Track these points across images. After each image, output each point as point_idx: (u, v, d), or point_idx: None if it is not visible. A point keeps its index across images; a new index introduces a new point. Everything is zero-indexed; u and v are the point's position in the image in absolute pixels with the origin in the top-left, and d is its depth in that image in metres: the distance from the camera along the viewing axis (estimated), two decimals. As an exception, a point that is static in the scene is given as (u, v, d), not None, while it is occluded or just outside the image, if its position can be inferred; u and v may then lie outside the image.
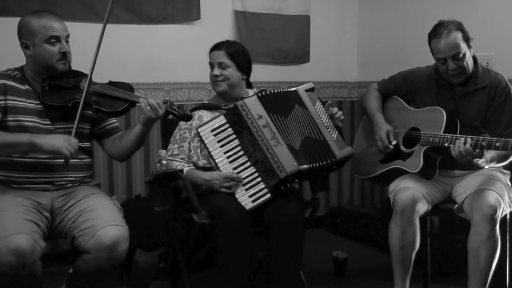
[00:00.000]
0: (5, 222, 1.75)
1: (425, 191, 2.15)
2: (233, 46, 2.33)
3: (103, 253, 1.81)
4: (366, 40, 3.59)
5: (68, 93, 1.97)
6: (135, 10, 2.95)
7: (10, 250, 1.67)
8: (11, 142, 1.85)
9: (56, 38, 1.94)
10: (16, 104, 1.94)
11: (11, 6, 2.65)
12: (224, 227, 2.03)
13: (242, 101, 2.19)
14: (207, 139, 2.20)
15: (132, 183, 3.05)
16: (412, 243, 2.12)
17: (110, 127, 2.16)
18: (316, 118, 2.18)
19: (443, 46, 2.10)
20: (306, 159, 2.13)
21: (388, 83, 2.43)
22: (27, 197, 1.91)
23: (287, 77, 3.37)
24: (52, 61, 1.95)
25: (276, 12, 3.31)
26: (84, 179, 2.08)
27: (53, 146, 1.82)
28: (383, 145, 2.27)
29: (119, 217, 1.93)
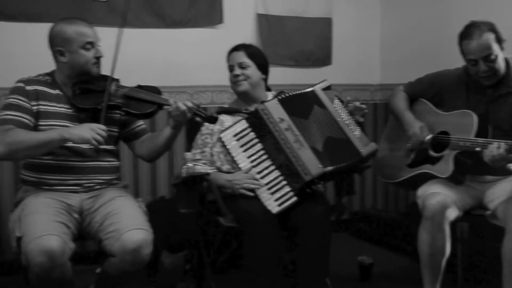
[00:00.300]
0: (36, 224, 1.77)
1: (456, 197, 2.11)
2: (251, 47, 2.35)
3: (128, 257, 1.82)
4: (389, 42, 3.55)
5: (99, 96, 1.99)
6: (160, 14, 2.98)
7: (41, 251, 1.68)
8: (44, 141, 1.87)
9: (91, 43, 2.00)
10: (47, 109, 1.98)
11: (41, 12, 2.70)
12: (251, 230, 2.02)
13: (263, 104, 2.18)
14: (229, 144, 2.19)
15: (156, 184, 3.07)
16: (442, 249, 2.08)
17: (138, 129, 2.18)
18: (336, 117, 2.15)
19: (474, 47, 2.05)
20: (330, 160, 2.11)
21: (415, 86, 2.39)
22: (57, 198, 1.93)
23: (308, 79, 3.25)
24: (87, 66, 2.00)
25: (298, 15, 3.31)
26: (112, 181, 2.10)
27: (82, 138, 1.85)
28: (418, 140, 2.20)
29: (144, 221, 1.93)
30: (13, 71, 2.28)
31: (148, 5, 2.94)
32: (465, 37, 2.09)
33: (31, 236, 1.72)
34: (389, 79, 3.52)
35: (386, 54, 3.57)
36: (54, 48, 2.00)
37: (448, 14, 3.05)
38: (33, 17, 2.67)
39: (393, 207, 3.57)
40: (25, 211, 1.87)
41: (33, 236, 1.72)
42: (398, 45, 3.47)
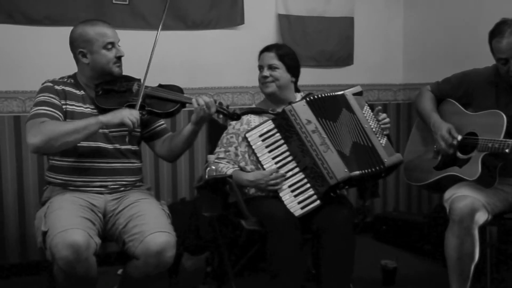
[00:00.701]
0: (61, 219, 1.79)
1: (485, 200, 2.05)
2: (283, 48, 2.33)
3: (151, 260, 1.83)
4: (412, 41, 3.51)
5: (121, 96, 2.03)
6: (181, 16, 2.99)
7: (66, 245, 1.70)
8: (81, 126, 1.89)
9: (112, 44, 2.02)
10: (74, 109, 2.01)
11: (66, 16, 2.73)
12: (274, 232, 2.01)
13: (291, 106, 2.16)
14: (255, 144, 2.19)
15: (177, 187, 3.07)
16: (471, 254, 2.03)
17: (159, 129, 2.19)
18: (364, 123, 2.13)
19: (505, 45, 2.00)
20: (356, 165, 2.08)
21: (442, 86, 2.34)
22: (83, 198, 1.95)
23: (330, 80, 3.34)
24: (109, 66, 2.03)
25: (320, 15, 3.29)
26: (136, 183, 2.11)
27: (119, 118, 1.90)
28: (447, 144, 2.15)
29: (167, 224, 1.94)
30: (38, 75, 2.31)
31: (169, 7, 2.82)
32: (496, 35, 2.03)
33: (56, 230, 1.74)
34: (412, 78, 3.49)
35: (409, 53, 3.53)
36: (76, 49, 2.02)
37: (475, 11, 2.98)
38: (58, 21, 2.70)
39: (416, 209, 3.52)
40: (50, 208, 1.89)
41: (58, 230, 1.74)
42: (421, 43, 3.43)
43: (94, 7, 2.79)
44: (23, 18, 2.68)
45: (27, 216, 2.76)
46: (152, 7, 2.90)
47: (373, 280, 2.65)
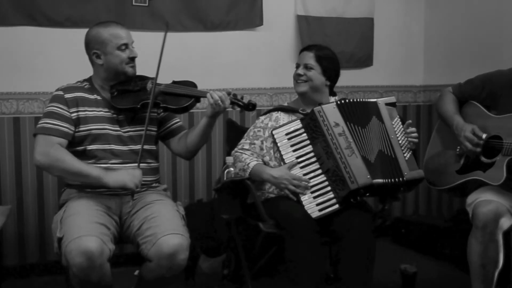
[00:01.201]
0: (76, 225, 1.80)
1: (510, 205, 2.01)
2: (323, 50, 2.31)
3: (164, 262, 1.83)
4: (433, 42, 3.47)
5: (136, 95, 2.05)
6: (200, 18, 3.00)
7: (80, 252, 1.71)
8: (82, 172, 1.93)
9: (125, 45, 2.05)
10: (87, 114, 2.03)
11: (86, 18, 2.74)
12: (292, 234, 2.01)
13: (320, 107, 2.15)
14: (280, 142, 2.18)
15: (194, 188, 3.08)
16: (495, 260, 1.99)
17: (175, 126, 2.20)
18: (391, 134, 2.12)
19: None
20: (380, 173, 2.07)
21: (465, 87, 2.31)
22: (98, 200, 1.96)
23: (349, 81, 3.30)
24: (122, 66, 2.05)
25: (339, 16, 3.27)
26: (152, 184, 2.11)
27: (120, 183, 1.92)
28: (473, 144, 2.12)
29: (180, 225, 1.94)
30: (59, 76, 2.36)
31: (188, 9, 2.95)
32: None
33: (70, 237, 1.75)
34: (432, 80, 3.47)
35: (430, 55, 3.50)
36: (91, 51, 2.06)
37: (499, 12, 2.93)
38: (79, 23, 2.72)
39: (436, 213, 3.49)
40: (66, 213, 1.90)
41: (72, 236, 1.74)
42: (442, 45, 3.40)
43: (114, 9, 2.81)
44: (45, 20, 2.72)
45: (46, 217, 2.78)
46: (171, 9, 2.92)
47: (392, 285, 2.62)
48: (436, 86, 3.33)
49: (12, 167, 2.73)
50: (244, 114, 3.08)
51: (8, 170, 2.73)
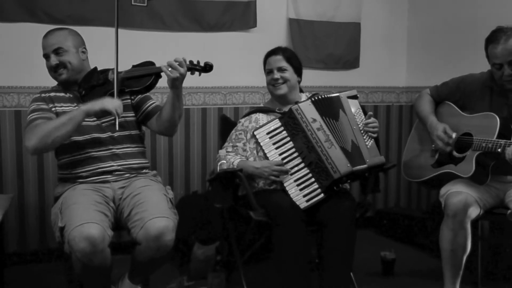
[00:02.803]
0: (77, 213, 1.86)
1: (477, 196, 2.13)
2: (288, 50, 2.40)
3: (152, 243, 1.87)
4: (415, 46, 3.57)
5: (102, 88, 2.08)
6: (197, 18, 3.03)
7: (83, 238, 1.77)
8: (67, 118, 1.96)
9: (45, 55, 2.11)
10: (63, 109, 2.10)
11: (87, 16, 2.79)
12: (280, 223, 2.07)
13: (297, 105, 2.23)
14: (263, 142, 2.26)
15: (190, 180, 3.13)
16: (463, 246, 2.10)
17: (150, 108, 2.21)
18: (353, 124, 2.21)
19: (500, 51, 2.08)
20: (358, 160, 2.16)
21: (441, 89, 2.42)
22: (93, 189, 2.02)
23: (337, 82, 3.39)
24: (51, 74, 2.12)
25: (329, 20, 3.33)
26: (141, 169, 2.17)
27: (99, 105, 1.95)
28: (444, 143, 2.23)
29: (167, 209, 1.97)
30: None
31: (185, 10, 2.98)
32: (492, 41, 2.11)
33: (73, 224, 1.81)
34: (414, 82, 3.54)
35: (412, 58, 3.59)
36: None
37: (474, 20, 3.05)
38: (80, 21, 2.74)
39: (415, 205, 3.57)
40: (65, 203, 1.95)
41: (75, 224, 1.80)
42: (423, 49, 3.49)
43: (114, 8, 2.66)
44: (46, 17, 2.73)
45: (46, 206, 2.81)
46: (168, 9, 2.95)
47: (373, 271, 2.72)
48: (417, 87, 3.40)
49: (14, 158, 2.78)
50: (238, 111, 3.14)
51: (10, 160, 2.77)
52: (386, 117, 3.59)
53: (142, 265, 2.00)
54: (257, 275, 2.61)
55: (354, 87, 3.37)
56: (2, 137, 2.78)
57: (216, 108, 3.16)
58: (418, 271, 2.76)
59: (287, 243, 2.06)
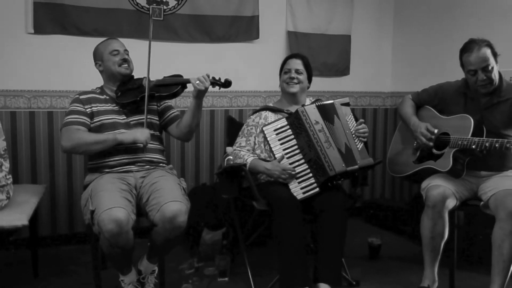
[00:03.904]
0: (106, 199, 1.89)
1: (454, 189, 2.12)
2: (306, 58, 2.42)
3: (167, 224, 1.89)
4: (399, 56, 3.57)
5: (135, 91, 2.15)
6: (207, 31, 3.04)
7: (111, 220, 1.80)
8: (101, 139, 2.03)
9: (116, 50, 2.16)
10: (98, 109, 2.14)
11: (112, 29, 2.78)
12: (279, 212, 2.08)
13: (303, 108, 2.23)
14: (270, 137, 2.25)
15: (199, 174, 3.13)
16: (442, 233, 2.10)
17: (172, 116, 2.27)
18: (346, 129, 2.21)
19: (474, 59, 2.07)
20: (351, 161, 2.16)
21: (421, 95, 2.41)
22: (118, 177, 2.04)
23: (330, 87, 3.40)
24: (115, 67, 2.15)
25: (323, 32, 3.33)
26: (160, 163, 2.19)
27: (132, 137, 2.03)
28: (427, 138, 2.21)
29: (180, 195, 1.98)
30: (86, 77, 2.42)
31: (196, 23, 3.00)
32: (466, 51, 2.11)
33: (102, 208, 1.83)
34: (398, 87, 3.54)
35: (397, 66, 3.59)
36: (95, 64, 2.20)
37: (450, 33, 3.06)
38: (104, 33, 2.73)
39: (398, 197, 3.58)
40: (94, 190, 1.97)
41: (104, 208, 1.83)
42: (407, 58, 3.49)
43: (135, 22, 2.85)
44: (75, 30, 2.77)
45: (74, 194, 2.85)
46: (182, 23, 2.95)
47: (362, 256, 2.73)
48: (401, 92, 3.40)
49: (46, 153, 2.79)
50: (243, 112, 3.14)
51: (43, 155, 2.79)
52: (373, 119, 3.59)
53: (158, 245, 2.02)
54: (259, 257, 2.63)
55: (345, 92, 3.44)
56: (37, 134, 2.80)
57: (223, 110, 3.16)
58: (401, 256, 2.77)
59: (285, 229, 2.05)
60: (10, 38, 2.68)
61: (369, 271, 2.52)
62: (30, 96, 2.76)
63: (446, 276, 2.25)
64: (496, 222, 1.97)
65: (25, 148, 2.76)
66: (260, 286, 2.24)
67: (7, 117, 2.71)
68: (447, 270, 2.26)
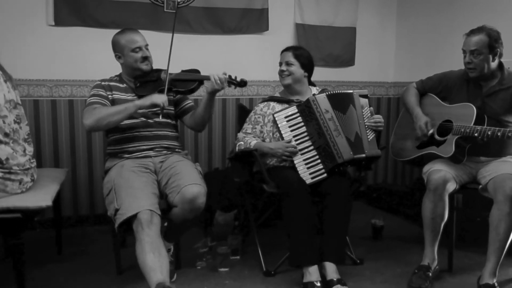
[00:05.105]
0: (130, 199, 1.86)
1: (454, 173, 2.12)
2: (299, 49, 2.37)
3: (186, 206, 1.90)
4: (402, 47, 3.54)
5: (154, 84, 2.12)
6: (219, 23, 3.04)
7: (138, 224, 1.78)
8: (122, 108, 2.00)
9: (139, 48, 2.11)
10: (118, 97, 2.13)
11: (128, 21, 2.77)
12: (289, 194, 2.09)
13: (314, 97, 2.21)
14: (280, 124, 2.23)
15: (212, 159, 3.15)
16: (442, 215, 2.10)
17: (187, 106, 2.26)
18: (359, 119, 2.19)
19: (467, 40, 2.09)
20: (359, 150, 2.16)
21: (425, 83, 2.39)
22: (140, 164, 2.02)
23: (336, 77, 3.39)
24: (137, 64, 2.11)
25: (329, 25, 3.31)
26: (176, 149, 2.19)
27: (150, 100, 1.99)
28: (422, 133, 2.23)
29: (199, 178, 2.01)
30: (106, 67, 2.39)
31: (209, 16, 2.99)
32: (468, 33, 2.11)
33: (126, 212, 1.81)
34: (401, 77, 3.52)
35: (400, 57, 3.56)
36: (114, 54, 2.16)
37: (451, 25, 3.03)
38: (121, 25, 2.69)
39: (400, 181, 3.58)
40: (117, 184, 1.92)
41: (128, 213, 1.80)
42: (410, 49, 3.46)
43: (150, 15, 2.84)
44: (93, 22, 2.77)
45: (95, 178, 2.88)
46: (195, 15, 2.95)
47: (365, 236, 2.74)
48: (404, 82, 3.38)
49: (68, 139, 2.82)
50: (253, 101, 3.14)
51: (64, 140, 2.81)
52: (377, 107, 3.57)
53: (176, 225, 2.03)
54: (268, 237, 2.65)
55: (350, 82, 3.43)
56: (58, 121, 2.82)
57: (234, 99, 3.16)
58: (403, 236, 2.78)
59: (295, 210, 2.07)
60: (32, 30, 2.70)
61: (372, 250, 2.54)
62: (52, 85, 2.78)
63: (445, 255, 2.27)
64: (494, 204, 1.98)
65: (48, 134, 2.79)
66: (269, 263, 2.26)
67: (30, 105, 2.73)
68: (446, 249, 2.28)
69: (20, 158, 1.88)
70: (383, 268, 2.31)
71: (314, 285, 1.98)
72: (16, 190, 1.88)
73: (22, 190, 1.90)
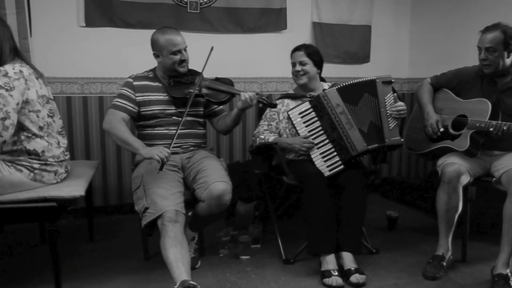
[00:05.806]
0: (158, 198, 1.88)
1: (468, 166, 2.11)
2: (310, 47, 2.34)
3: (213, 202, 1.92)
4: (416, 44, 3.51)
5: (187, 87, 2.10)
6: (239, 22, 3.05)
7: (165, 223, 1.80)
8: (128, 142, 1.95)
9: (178, 51, 2.07)
10: (151, 98, 2.11)
11: (153, 22, 2.80)
12: (309, 185, 2.09)
13: (324, 92, 2.20)
14: (295, 120, 2.24)
15: (233, 152, 3.17)
16: (456, 207, 2.09)
17: (217, 110, 2.27)
18: (381, 107, 2.14)
19: (482, 37, 2.07)
20: (374, 140, 2.14)
21: (440, 78, 2.36)
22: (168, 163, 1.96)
23: (352, 74, 3.36)
24: (174, 66, 2.09)
25: (345, 23, 3.29)
26: (201, 145, 2.21)
27: (149, 154, 1.87)
28: (433, 131, 2.22)
29: (225, 175, 2.01)
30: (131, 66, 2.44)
31: (230, 16, 3.01)
32: (484, 30, 2.09)
33: (155, 211, 1.84)
34: (415, 74, 3.49)
35: (413, 54, 3.53)
36: (153, 51, 2.12)
37: (465, 22, 2.99)
38: (147, 25, 2.78)
39: (414, 174, 3.56)
40: (146, 183, 1.93)
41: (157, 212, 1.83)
42: (423, 46, 3.43)
43: (174, 15, 2.87)
44: (121, 23, 2.80)
45: (123, 170, 2.92)
46: (217, 15, 2.96)
47: (380, 226, 2.74)
48: (417, 78, 3.36)
49: (98, 133, 2.85)
50: (272, 97, 3.12)
51: (95, 134, 2.85)
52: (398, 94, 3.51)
53: (202, 218, 2.04)
54: (287, 227, 2.66)
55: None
56: (89, 117, 2.85)
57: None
58: (417, 227, 2.77)
59: (314, 200, 2.07)
60: (65, 31, 2.74)
61: (388, 241, 2.53)
62: (83, 82, 2.81)
63: (459, 246, 2.26)
64: (507, 196, 1.96)
65: (79, 128, 2.83)
66: (289, 252, 2.27)
67: (63, 101, 2.78)
68: (459, 240, 2.27)
69: (55, 150, 1.91)
70: (399, 258, 2.31)
71: (331, 274, 1.99)
72: (51, 181, 1.91)
73: (57, 181, 1.93)
